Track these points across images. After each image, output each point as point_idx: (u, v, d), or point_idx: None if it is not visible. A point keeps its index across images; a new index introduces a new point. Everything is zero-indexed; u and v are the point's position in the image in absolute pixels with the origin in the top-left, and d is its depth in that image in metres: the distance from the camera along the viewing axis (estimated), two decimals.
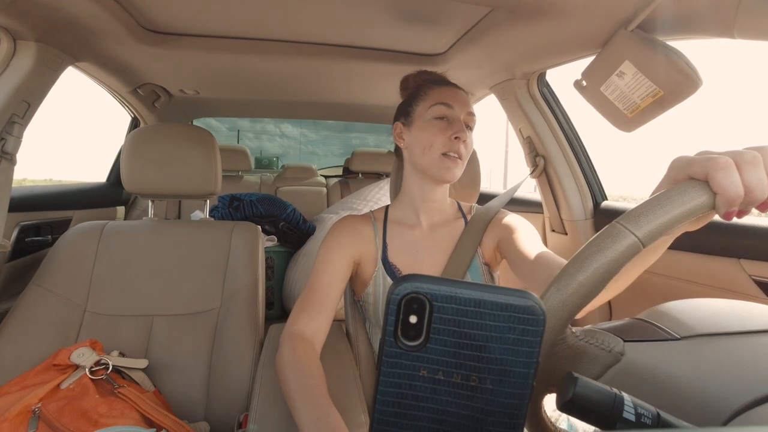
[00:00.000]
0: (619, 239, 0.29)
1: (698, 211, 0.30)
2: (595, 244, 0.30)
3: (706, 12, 0.68)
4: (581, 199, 1.30)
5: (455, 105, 0.75)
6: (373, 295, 0.79)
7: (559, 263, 0.63)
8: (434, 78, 0.82)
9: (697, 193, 0.30)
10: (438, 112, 0.75)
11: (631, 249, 0.29)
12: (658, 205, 0.29)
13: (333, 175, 2.86)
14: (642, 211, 0.29)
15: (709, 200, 0.30)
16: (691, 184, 0.30)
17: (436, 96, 0.77)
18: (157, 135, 1.03)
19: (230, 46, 1.13)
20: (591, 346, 0.30)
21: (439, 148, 0.74)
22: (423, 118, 0.77)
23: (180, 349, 0.91)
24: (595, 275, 0.29)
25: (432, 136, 0.74)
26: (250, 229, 1.08)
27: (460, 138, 0.73)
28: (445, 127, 0.74)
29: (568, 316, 0.29)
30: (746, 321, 0.31)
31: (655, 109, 0.82)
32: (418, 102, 0.79)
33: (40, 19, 0.87)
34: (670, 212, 0.29)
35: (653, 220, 0.29)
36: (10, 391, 0.71)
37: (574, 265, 0.29)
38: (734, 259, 0.88)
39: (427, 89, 0.79)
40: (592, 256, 0.29)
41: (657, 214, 0.29)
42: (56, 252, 0.96)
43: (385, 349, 0.21)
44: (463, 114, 0.76)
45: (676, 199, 0.29)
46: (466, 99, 0.78)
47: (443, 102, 0.75)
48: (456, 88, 0.79)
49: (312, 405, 0.54)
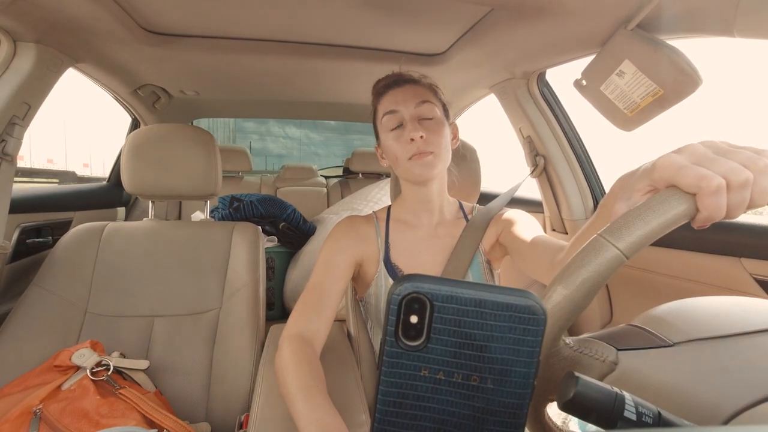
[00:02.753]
0: (602, 253, 0.29)
1: (678, 222, 0.30)
2: (579, 258, 0.30)
3: (706, 10, 0.68)
4: (581, 198, 1.30)
5: (399, 107, 0.74)
6: (375, 295, 0.79)
7: (560, 245, 0.62)
8: (382, 86, 0.80)
9: (679, 204, 0.30)
10: (388, 122, 0.75)
11: (614, 262, 0.29)
12: (639, 217, 0.29)
13: (333, 175, 2.86)
14: (623, 224, 0.29)
15: (689, 211, 0.29)
16: (674, 195, 0.30)
17: (382, 107, 0.77)
18: (157, 136, 1.03)
19: (230, 46, 1.13)
20: (585, 356, 0.31)
21: (404, 155, 0.73)
22: (383, 133, 0.77)
23: (181, 349, 0.91)
24: (581, 290, 0.29)
25: (393, 148, 0.75)
26: (251, 230, 1.08)
27: (414, 138, 0.71)
28: (400, 134, 0.74)
29: (558, 330, 0.29)
30: (741, 321, 0.31)
31: (655, 108, 0.82)
32: (376, 118, 0.80)
33: (40, 20, 0.87)
34: (650, 224, 0.29)
35: (634, 232, 0.29)
36: (11, 393, 0.72)
37: (560, 281, 0.30)
38: (735, 258, 0.87)
39: (377, 104, 0.79)
40: (577, 271, 0.29)
41: (637, 226, 0.29)
42: (57, 253, 0.96)
43: (386, 349, 0.21)
44: (410, 110, 0.74)
45: (656, 210, 0.29)
46: (416, 90, 0.75)
47: (387, 111, 0.75)
48: (401, 85, 0.77)
49: (312, 406, 0.54)
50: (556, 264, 0.59)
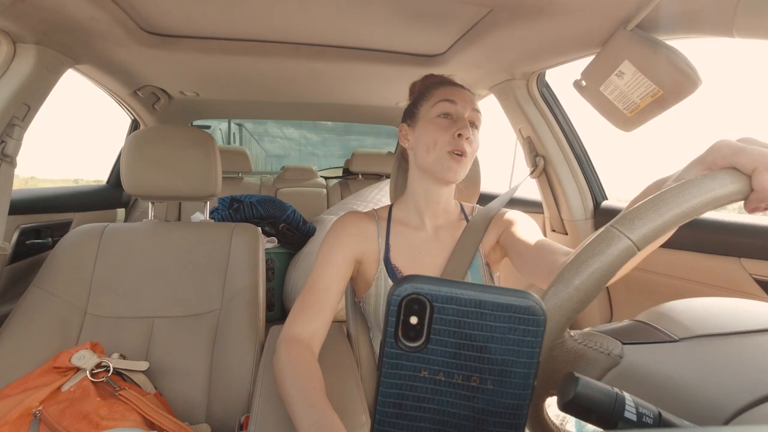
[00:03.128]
0: (613, 243, 0.29)
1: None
2: (590, 248, 0.30)
3: (705, 11, 0.68)
4: (581, 199, 1.30)
5: (459, 101, 0.75)
6: (375, 296, 0.79)
7: (563, 250, 0.62)
8: (440, 79, 0.83)
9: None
10: (442, 109, 0.75)
11: (626, 253, 0.29)
12: (652, 208, 0.29)
13: (333, 176, 2.86)
14: (636, 215, 0.29)
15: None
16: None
17: (439, 94, 0.77)
18: (157, 137, 1.03)
19: (230, 47, 1.13)
20: (589, 349, 0.30)
21: (443, 146, 0.73)
22: (427, 117, 0.76)
23: (181, 351, 0.91)
24: (591, 280, 0.29)
25: (436, 134, 0.74)
26: (250, 231, 1.08)
27: (464, 135, 0.72)
28: (449, 124, 0.74)
29: (565, 320, 0.29)
30: (744, 320, 0.31)
31: (654, 108, 0.82)
32: (422, 102, 0.79)
33: (40, 21, 0.87)
34: (664, 215, 0.29)
35: (647, 223, 0.29)
36: (11, 394, 0.71)
37: (570, 270, 0.30)
38: (735, 258, 0.87)
39: (432, 89, 0.79)
40: (587, 261, 0.29)
41: (651, 217, 0.29)
42: (56, 254, 0.96)
43: (385, 350, 0.21)
44: (467, 111, 0.75)
45: (671, 202, 0.29)
46: (471, 98, 0.78)
47: (447, 99, 0.75)
48: (461, 87, 0.79)
49: (310, 408, 0.54)
50: (559, 267, 0.58)
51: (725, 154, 0.32)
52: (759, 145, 0.32)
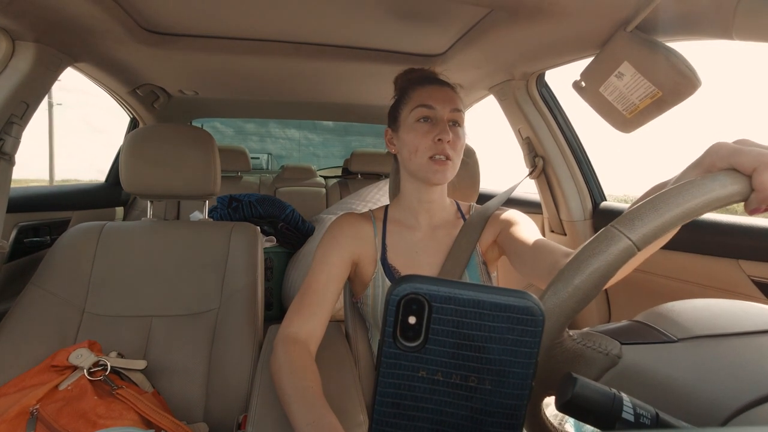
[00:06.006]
0: (613, 243, 0.29)
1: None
2: (590, 248, 0.30)
3: (704, 13, 0.68)
4: (580, 199, 1.30)
5: (437, 105, 0.74)
6: (372, 296, 0.79)
7: (562, 251, 0.62)
8: (418, 77, 0.81)
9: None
10: (420, 114, 0.74)
11: (626, 253, 0.29)
12: (653, 208, 0.29)
13: (332, 175, 2.86)
14: (636, 215, 0.29)
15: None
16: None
17: (417, 98, 0.76)
18: (156, 135, 1.03)
19: (229, 46, 1.13)
20: (588, 349, 0.30)
21: (424, 152, 0.73)
22: (407, 123, 0.76)
23: (179, 350, 0.91)
24: (590, 279, 0.29)
25: (416, 140, 0.74)
26: (249, 230, 1.08)
27: (444, 139, 0.72)
28: (429, 129, 0.73)
29: (565, 320, 0.29)
30: (743, 321, 0.31)
31: (653, 110, 0.82)
32: (402, 106, 0.79)
33: (39, 19, 0.87)
34: (664, 215, 0.29)
35: (647, 223, 0.29)
36: (8, 393, 0.71)
37: (570, 269, 0.30)
38: (733, 260, 0.88)
39: (410, 91, 0.78)
40: (587, 260, 0.29)
41: (651, 217, 0.29)
42: (55, 253, 0.96)
43: (384, 350, 0.21)
44: (446, 113, 0.74)
45: (671, 202, 0.29)
46: (452, 95, 0.76)
47: (424, 104, 0.74)
48: (440, 85, 0.78)
49: (307, 408, 0.54)
50: (559, 267, 0.58)
51: (723, 155, 0.32)
52: (755, 147, 0.32)
